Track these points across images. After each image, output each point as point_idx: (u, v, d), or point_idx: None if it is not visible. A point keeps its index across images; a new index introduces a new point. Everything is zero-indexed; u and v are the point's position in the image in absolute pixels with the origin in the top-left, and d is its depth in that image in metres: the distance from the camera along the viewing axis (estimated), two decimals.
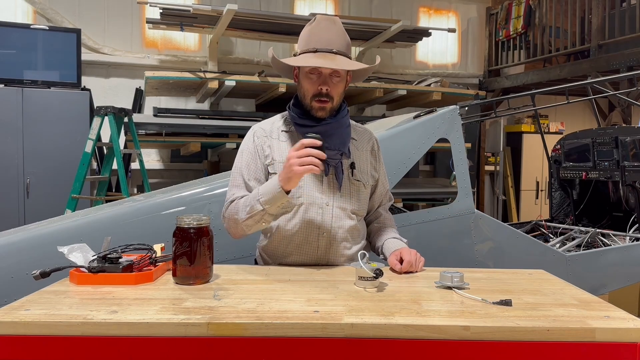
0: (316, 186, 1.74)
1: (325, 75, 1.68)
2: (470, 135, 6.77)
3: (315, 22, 1.72)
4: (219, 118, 5.48)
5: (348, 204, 1.76)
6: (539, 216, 5.85)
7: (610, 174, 3.81)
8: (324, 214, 1.73)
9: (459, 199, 2.53)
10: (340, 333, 1.14)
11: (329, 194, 1.74)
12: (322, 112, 1.70)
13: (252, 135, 1.80)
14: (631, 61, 5.24)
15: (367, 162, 1.85)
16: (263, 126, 1.82)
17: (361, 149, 1.85)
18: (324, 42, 1.67)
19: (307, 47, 1.69)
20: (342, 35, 1.71)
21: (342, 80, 1.72)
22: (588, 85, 3.25)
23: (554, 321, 1.18)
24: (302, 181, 1.70)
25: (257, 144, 1.78)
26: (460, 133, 2.58)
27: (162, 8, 5.11)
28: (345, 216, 1.76)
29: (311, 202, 1.73)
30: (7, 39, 5.02)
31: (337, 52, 1.68)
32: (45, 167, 4.96)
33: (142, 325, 1.13)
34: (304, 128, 1.71)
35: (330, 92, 1.68)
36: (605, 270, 2.87)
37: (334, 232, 1.74)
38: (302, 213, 1.73)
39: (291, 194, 1.63)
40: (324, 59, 1.64)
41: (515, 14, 6.74)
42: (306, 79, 1.70)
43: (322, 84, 1.67)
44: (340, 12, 6.73)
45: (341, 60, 1.66)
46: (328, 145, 1.64)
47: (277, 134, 1.79)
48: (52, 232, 2.05)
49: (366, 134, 1.90)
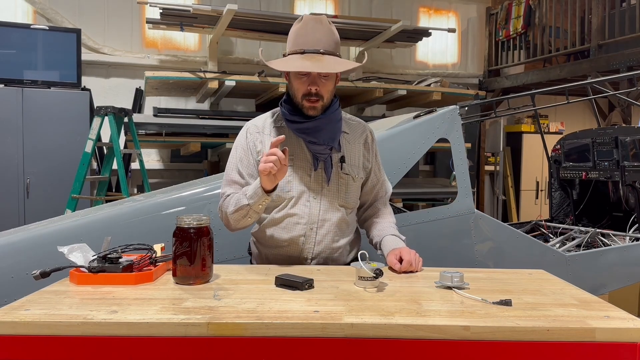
0: (305, 180, 1.78)
1: (314, 76, 1.70)
2: (470, 135, 6.77)
3: (302, 22, 1.73)
4: (219, 118, 5.48)
5: (336, 197, 1.80)
6: (539, 216, 5.85)
7: (610, 174, 3.81)
8: (311, 206, 1.77)
9: (459, 199, 2.52)
10: (340, 333, 1.14)
11: (317, 188, 1.78)
12: (313, 111, 1.73)
13: (245, 131, 1.86)
14: (631, 61, 5.24)
15: (358, 155, 1.86)
16: (256, 122, 1.87)
17: (353, 142, 1.87)
18: (311, 42, 1.69)
19: (295, 48, 1.72)
20: (330, 35, 1.72)
21: (330, 79, 1.74)
22: (588, 85, 3.25)
23: (554, 321, 1.18)
24: (291, 175, 1.76)
25: (249, 140, 1.83)
26: (460, 133, 2.58)
27: (162, 8, 5.11)
28: (333, 209, 1.79)
29: (299, 195, 1.77)
30: (7, 39, 5.02)
31: (325, 52, 1.70)
32: (45, 167, 4.96)
33: (142, 325, 1.13)
34: (294, 124, 1.76)
35: (320, 92, 1.71)
36: (605, 270, 2.87)
37: (321, 224, 1.78)
38: (290, 206, 1.77)
39: (280, 187, 1.71)
40: (311, 61, 1.67)
41: (515, 14, 6.74)
42: (296, 79, 1.73)
43: (311, 84, 1.70)
44: (340, 12, 6.73)
45: (328, 61, 1.68)
46: (316, 141, 1.73)
47: (269, 130, 1.83)
48: (52, 232, 2.05)
49: (359, 127, 1.91)
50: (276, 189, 1.68)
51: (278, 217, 1.78)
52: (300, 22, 1.74)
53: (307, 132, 1.75)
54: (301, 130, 1.76)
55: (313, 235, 1.78)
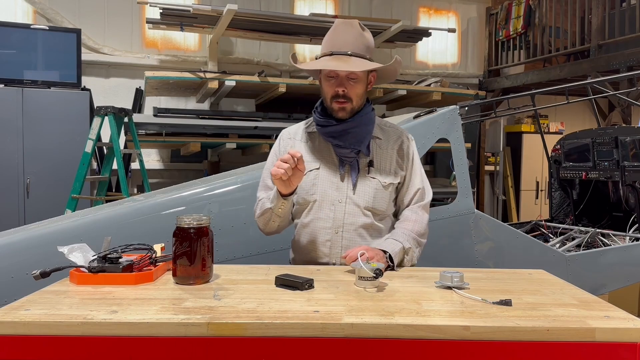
0: (330, 183, 1.79)
1: (341, 78, 1.72)
2: (470, 135, 6.77)
3: (334, 26, 1.78)
4: (219, 118, 5.48)
5: (362, 201, 1.79)
6: (539, 216, 5.85)
7: (610, 174, 3.81)
8: (336, 210, 1.78)
9: (459, 199, 2.53)
10: (340, 333, 1.14)
11: (342, 191, 1.79)
12: (342, 113, 1.75)
13: (279, 138, 1.94)
14: (631, 61, 5.24)
15: (390, 161, 1.84)
16: (289, 129, 1.95)
17: (385, 147, 1.85)
18: (340, 44, 1.73)
19: (324, 50, 1.77)
20: (359, 38, 1.75)
21: (359, 81, 1.74)
22: (588, 85, 3.25)
23: (554, 321, 1.18)
24: (316, 178, 1.79)
25: (281, 146, 1.90)
26: (460, 133, 2.58)
27: (162, 8, 5.11)
28: (359, 213, 1.78)
29: (324, 198, 1.79)
30: (7, 39, 5.02)
31: (352, 54, 1.71)
32: (45, 167, 4.96)
33: (142, 325, 1.13)
34: (322, 128, 1.79)
35: (348, 94, 1.73)
36: (605, 270, 2.87)
37: (347, 228, 1.78)
38: (315, 209, 1.79)
39: (305, 190, 1.78)
40: (337, 61, 1.70)
41: (515, 14, 6.74)
42: (325, 82, 1.77)
43: (339, 85, 1.72)
44: (340, 12, 6.73)
45: (355, 62, 1.70)
46: (341, 144, 1.76)
47: (301, 136, 1.89)
48: (52, 232, 2.05)
49: (395, 133, 1.90)
50: (295, 193, 1.72)
51: (305, 222, 1.81)
52: (333, 27, 1.79)
53: (334, 136, 1.77)
54: (328, 133, 1.78)
55: (339, 240, 1.77)
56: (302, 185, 1.79)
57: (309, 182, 1.79)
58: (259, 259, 2.12)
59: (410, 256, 1.77)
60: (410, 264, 1.77)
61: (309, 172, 1.80)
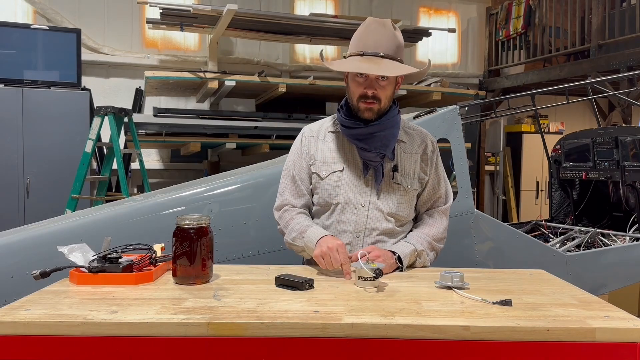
0: (354, 187, 1.75)
1: (371, 79, 1.67)
2: (470, 135, 6.77)
3: (366, 24, 1.71)
4: (219, 118, 5.48)
5: (385, 206, 1.75)
6: (539, 216, 5.84)
7: (610, 174, 3.81)
8: (358, 214, 1.74)
9: (459, 199, 2.52)
10: (340, 333, 1.14)
11: (366, 195, 1.75)
12: (368, 113, 1.70)
13: (301, 136, 1.87)
14: (631, 61, 5.24)
15: (414, 166, 1.80)
16: (312, 127, 1.88)
17: (409, 151, 1.81)
18: (372, 45, 1.67)
19: (355, 50, 1.70)
20: (392, 38, 1.68)
21: (389, 83, 1.70)
22: (588, 85, 3.25)
23: (554, 321, 1.18)
24: (340, 181, 1.75)
25: (303, 144, 1.84)
26: (460, 133, 2.58)
27: (162, 8, 5.11)
28: (382, 218, 1.75)
29: (347, 202, 1.75)
30: (7, 39, 5.02)
31: (385, 56, 1.66)
32: (45, 167, 4.96)
33: (142, 325, 1.13)
34: (347, 129, 1.74)
35: (378, 95, 1.68)
36: (605, 270, 2.87)
37: (368, 233, 1.74)
38: (338, 213, 1.76)
39: (327, 192, 1.74)
40: (369, 63, 1.64)
41: (515, 14, 6.73)
42: (353, 82, 1.71)
43: (368, 87, 1.67)
44: (340, 12, 6.73)
45: (387, 64, 1.65)
46: (367, 147, 1.70)
47: (324, 135, 1.83)
48: (52, 232, 2.05)
49: (419, 137, 1.85)
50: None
51: (327, 224, 1.77)
52: (364, 24, 1.72)
53: (359, 139, 1.72)
54: (353, 136, 1.73)
55: (360, 244, 1.74)
56: (325, 186, 1.76)
57: (331, 184, 1.75)
58: (259, 259, 2.12)
59: (423, 259, 1.75)
60: (422, 266, 1.76)
61: (332, 173, 1.76)
